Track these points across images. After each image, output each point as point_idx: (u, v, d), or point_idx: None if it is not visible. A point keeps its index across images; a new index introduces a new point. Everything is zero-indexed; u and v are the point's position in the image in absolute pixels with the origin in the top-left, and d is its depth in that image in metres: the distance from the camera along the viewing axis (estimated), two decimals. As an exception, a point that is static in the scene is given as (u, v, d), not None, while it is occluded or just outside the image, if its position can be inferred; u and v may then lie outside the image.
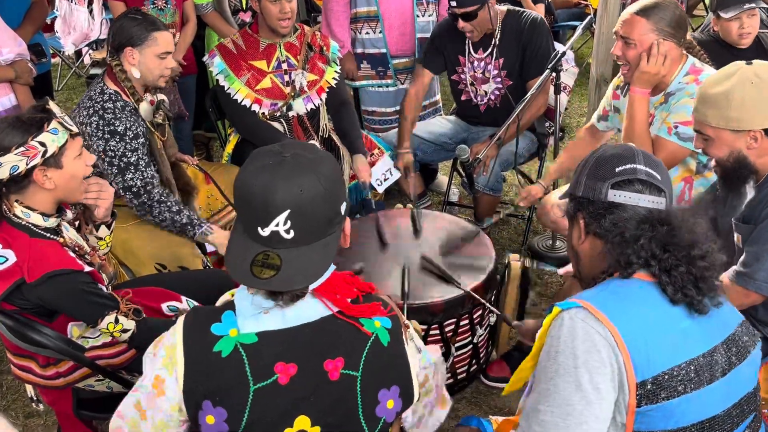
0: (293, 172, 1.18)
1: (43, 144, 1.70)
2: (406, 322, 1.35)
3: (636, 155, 1.35)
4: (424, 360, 1.37)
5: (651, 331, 1.23)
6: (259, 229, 1.18)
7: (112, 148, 2.27)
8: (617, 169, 1.34)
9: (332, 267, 1.27)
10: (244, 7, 3.84)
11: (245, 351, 1.21)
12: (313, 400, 1.22)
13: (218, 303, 1.37)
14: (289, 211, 1.16)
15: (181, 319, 1.27)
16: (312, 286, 1.23)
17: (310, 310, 1.24)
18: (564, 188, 2.73)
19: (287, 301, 1.21)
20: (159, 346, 1.28)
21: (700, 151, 1.89)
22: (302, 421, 1.22)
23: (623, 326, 1.21)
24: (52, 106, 1.77)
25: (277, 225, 1.16)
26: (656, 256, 1.26)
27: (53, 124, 1.73)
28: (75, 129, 1.79)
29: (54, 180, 1.74)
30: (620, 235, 1.29)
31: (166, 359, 1.24)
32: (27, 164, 1.69)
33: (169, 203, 2.36)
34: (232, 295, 1.30)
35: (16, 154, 1.67)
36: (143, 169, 2.32)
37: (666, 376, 1.21)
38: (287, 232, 1.17)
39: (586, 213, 1.37)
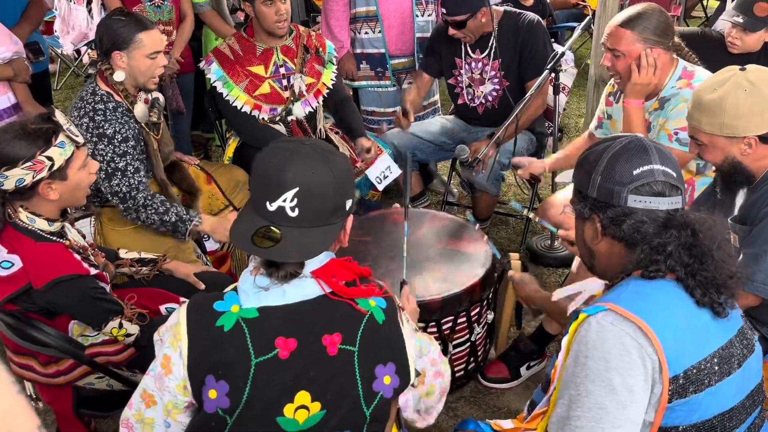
0: (309, 156, 1.26)
1: (50, 158, 1.70)
2: (401, 304, 1.40)
3: (650, 152, 1.32)
4: (418, 345, 1.40)
5: (678, 327, 1.24)
6: (267, 203, 1.25)
7: (100, 151, 2.23)
8: (635, 172, 1.30)
9: (331, 254, 1.33)
10: (241, 5, 3.84)
11: (247, 325, 1.25)
12: (312, 375, 1.26)
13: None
14: (297, 188, 1.23)
15: (185, 303, 1.32)
16: (309, 269, 1.29)
17: (308, 288, 1.29)
18: (565, 191, 2.77)
19: (282, 279, 1.26)
20: (164, 329, 1.33)
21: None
22: (303, 396, 1.26)
23: (654, 324, 1.22)
24: (59, 116, 1.76)
25: (284, 201, 1.23)
26: (683, 263, 1.27)
27: (60, 137, 1.72)
28: (81, 140, 1.79)
29: (58, 191, 1.75)
30: (647, 244, 1.29)
31: (171, 338, 1.28)
32: (33, 178, 1.69)
33: (155, 205, 2.32)
34: (234, 288, 1.34)
35: (22, 168, 1.67)
36: (130, 175, 2.28)
37: (695, 370, 1.23)
38: (292, 209, 1.24)
39: (604, 216, 1.35)
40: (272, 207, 1.24)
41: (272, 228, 1.24)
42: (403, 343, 1.33)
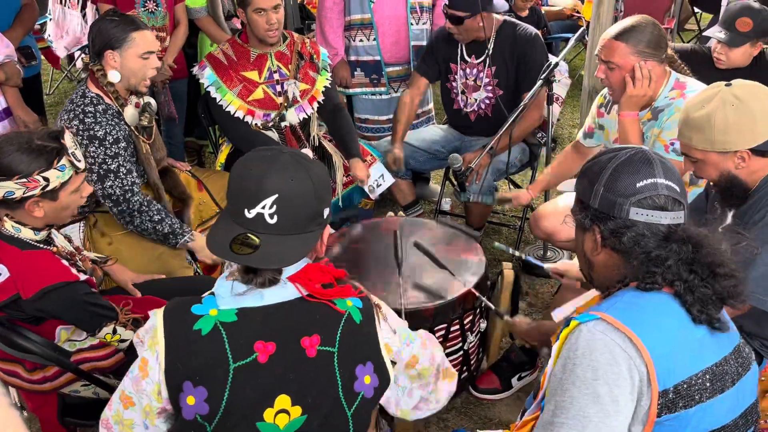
0: (288, 164, 1.27)
1: (46, 179, 1.68)
2: (377, 302, 1.40)
3: (654, 165, 1.32)
4: (404, 337, 1.40)
5: (670, 341, 1.23)
6: (246, 210, 1.24)
7: (91, 154, 2.21)
8: (638, 185, 1.29)
9: (307, 260, 1.33)
10: (237, 12, 3.83)
11: (225, 329, 1.25)
12: (292, 378, 1.26)
13: None
14: (277, 195, 1.23)
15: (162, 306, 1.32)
16: (286, 274, 1.28)
17: (286, 291, 1.29)
18: (556, 201, 2.76)
19: (260, 285, 1.26)
20: (143, 331, 1.32)
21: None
22: (283, 400, 1.25)
23: (645, 336, 1.21)
24: (67, 138, 1.74)
25: (263, 207, 1.23)
26: (683, 278, 1.26)
27: (63, 160, 1.70)
28: (82, 165, 1.77)
29: (45, 209, 1.73)
30: (646, 254, 1.28)
31: (150, 341, 1.28)
32: (24, 194, 1.67)
33: (150, 212, 2.30)
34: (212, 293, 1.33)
35: (16, 183, 1.65)
36: (123, 176, 2.26)
37: (685, 385, 1.22)
38: (271, 216, 1.24)
39: (604, 228, 1.34)
40: (251, 214, 1.24)
41: (250, 235, 1.24)
42: (377, 341, 1.33)
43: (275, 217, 1.23)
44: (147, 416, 1.29)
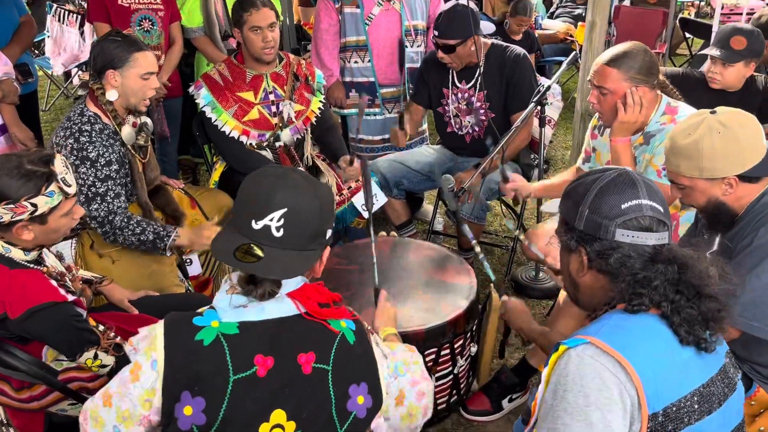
0: (297, 182, 1.32)
1: (34, 205, 1.67)
2: (370, 327, 1.42)
3: (638, 186, 1.33)
4: (392, 368, 1.42)
5: (658, 363, 1.23)
6: (253, 222, 1.28)
7: (81, 175, 2.22)
8: (623, 206, 1.31)
9: (305, 279, 1.36)
10: (233, 32, 3.87)
11: (227, 341, 1.27)
12: (288, 393, 1.27)
13: None
14: (285, 209, 1.28)
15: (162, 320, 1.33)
16: (286, 290, 1.31)
17: (285, 306, 1.31)
18: (550, 222, 2.77)
19: (259, 297, 1.29)
20: (137, 339, 1.33)
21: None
22: (278, 415, 1.27)
23: (634, 359, 1.21)
24: (57, 162, 1.73)
25: (271, 220, 1.27)
26: (669, 299, 1.27)
27: (52, 186, 1.69)
28: (72, 190, 1.76)
29: (34, 232, 1.73)
30: (632, 276, 1.29)
31: (147, 347, 1.29)
32: (12, 218, 1.67)
33: (131, 227, 2.30)
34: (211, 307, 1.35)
35: (3, 208, 1.65)
36: (110, 200, 2.27)
37: (674, 408, 1.22)
38: (278, 229, 1.28)
39: (591, 249, 1.35)
40: (258, 225, 1.28)
41: (255, 246, 1.27)
42: (374, 361, 1.35)
43: (281, 230, 1.27)
44: (123, 422, 1.29)
